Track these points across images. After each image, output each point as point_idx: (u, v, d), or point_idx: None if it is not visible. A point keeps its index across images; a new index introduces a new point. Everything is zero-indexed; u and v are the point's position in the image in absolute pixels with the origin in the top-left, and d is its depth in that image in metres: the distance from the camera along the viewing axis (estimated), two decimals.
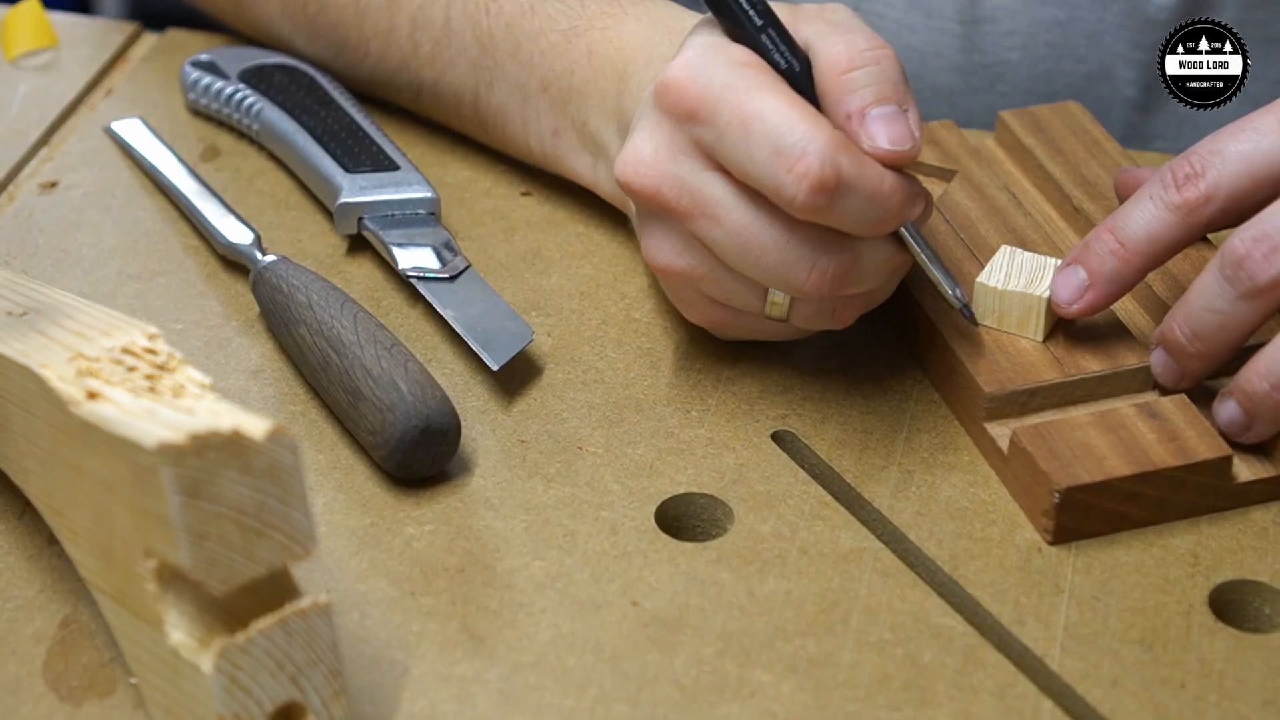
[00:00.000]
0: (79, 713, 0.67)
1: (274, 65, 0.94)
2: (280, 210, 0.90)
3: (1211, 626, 0.71)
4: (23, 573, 0.72)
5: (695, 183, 0.73)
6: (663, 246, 0.75)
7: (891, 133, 0.72)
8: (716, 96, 0.71)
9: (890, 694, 0.68)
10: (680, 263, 0.75)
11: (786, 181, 0.70)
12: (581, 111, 0.84)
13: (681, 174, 0.73)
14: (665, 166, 0.73)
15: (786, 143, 0.70)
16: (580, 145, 0.85)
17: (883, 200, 0.71)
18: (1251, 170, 0.73)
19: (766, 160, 0.70)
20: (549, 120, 0.86)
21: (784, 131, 0.70)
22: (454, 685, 0.68)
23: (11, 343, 0.67)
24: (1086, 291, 0.76)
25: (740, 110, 0.71)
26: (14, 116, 0.96)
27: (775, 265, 0.73)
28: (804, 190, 0.70)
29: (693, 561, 0.73)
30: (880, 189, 0.71)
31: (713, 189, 0.73)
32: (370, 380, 0.75)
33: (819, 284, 0.73)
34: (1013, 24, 1.01)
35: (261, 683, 0.62)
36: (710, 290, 0.76)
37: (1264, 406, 0.73)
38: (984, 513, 0.75)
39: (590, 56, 0.84)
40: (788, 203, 0.70)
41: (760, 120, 0.70)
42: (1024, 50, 1.02)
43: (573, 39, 0.85)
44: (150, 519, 0.61)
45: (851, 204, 0.71)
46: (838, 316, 0.76)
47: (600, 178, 0.85)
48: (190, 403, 0.62)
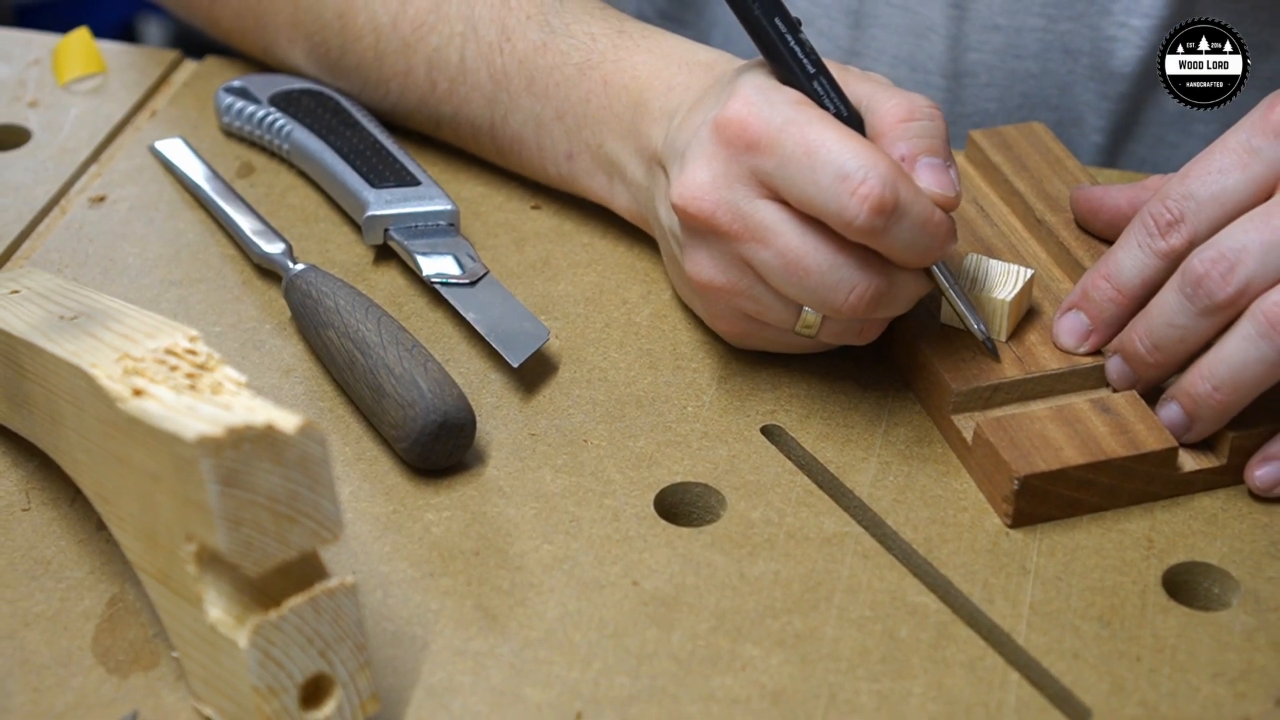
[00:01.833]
0: (125, 684, 0.67)
1: (301, 90, 0.94)
2: (310, 223, 0.90)
3: (1165, 605, 0.70)
4: (73, 555, 0.72)
5: (748, 209, 0.73)
6: (708, 265, 0.76)
7: (938, 180, 0.73)
8: (779, 129, 0.72)
9: (870, 666, 0.68)
10: (723, 279, 0.75)
11: (850, 203, 0.70)
12: (597, 135, 0.84)
13: (736, 200, 0.73)
14: (721, 193, 0.73)
15: (850, 168, 0.70)
16: (595, 167, 0.85)
17: (932, 229, 0.72)
18: (1223, 209, 0.74)
19: (830, 185, 0.71)
20: (564, 145, 0.86)
21: (848, 158, 0.71)
22: (469, 659, 0.68)
23: (64, 344, 0.67)
24: (1090, 335, 0.78)
25: (804, 140, 0.71)
26: (65, 136, 0.96)
27: (817, 286, 0.73)
28: (866, 211, 0.70)
29: (689, 545, 0.73)
30: (931, 218, 0.72)
31: (765, 214, 0.73)
32: (393, 379, 0.75)
33: (856, 305, 0.73)
34: (990, 78, 1.02)
35: (293, 656, 0.62)
36: (746, 306, 0.76)
37: (1205, 407, 0.73)
38: (955, 500, 0.75)
39: (605, 85, 0.84)
40: (848, 224, 0.71)
41: (825, 149, 0.71)
42: (1001, 101, 1.03)
43: (586, 71, 0.85)
44: (191, 506, 0.61)
45: (904, 229, 0.71)
46: (863, 334, 0.77)
47: (616, 194, 0.85)
48: (228, 399, 0.62)
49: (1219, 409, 0.73)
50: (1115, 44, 1.00)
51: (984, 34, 1.01)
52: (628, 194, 0.84)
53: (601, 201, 0.87)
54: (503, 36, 0.87)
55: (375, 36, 0.90)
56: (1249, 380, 0.72)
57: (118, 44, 1.04)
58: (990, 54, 1.01)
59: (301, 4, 0.92)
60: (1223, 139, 0.75)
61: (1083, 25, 1.00)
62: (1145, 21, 0.99)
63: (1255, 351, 0.71)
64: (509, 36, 0.87)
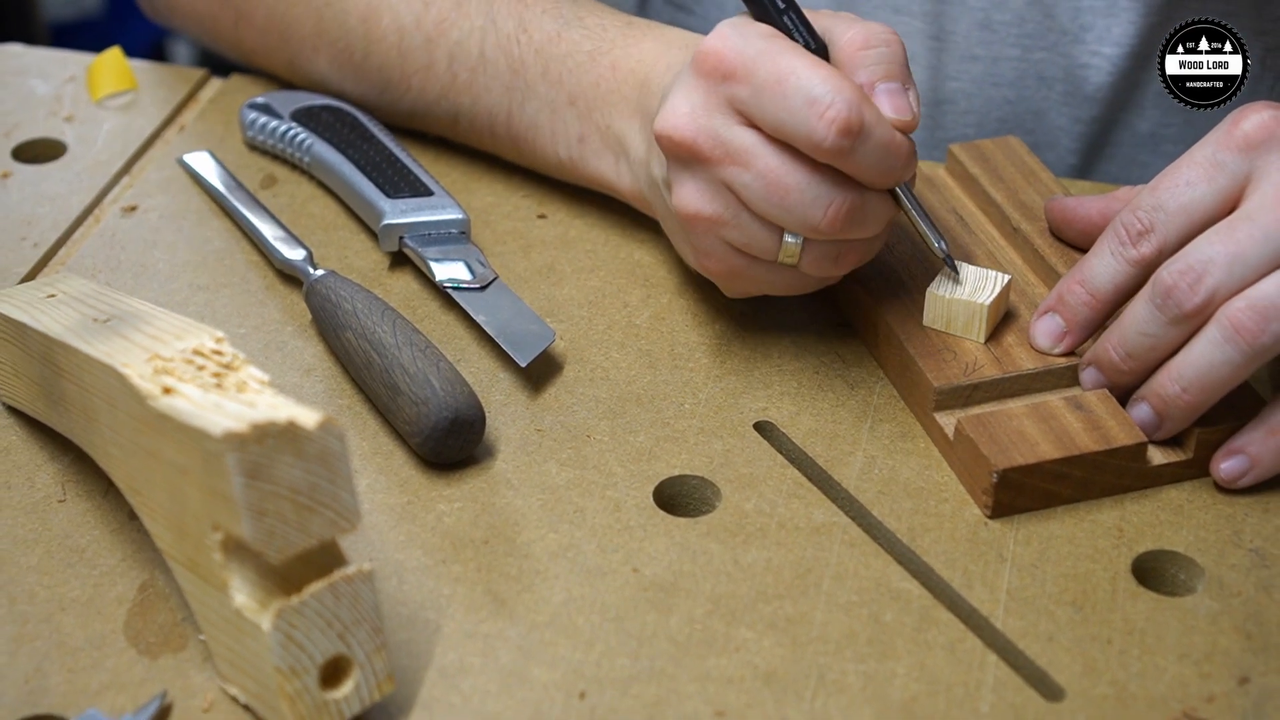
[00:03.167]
0: (155, 665, 0.67)
1: (320, 106, 0.94)
2: (329, 231, 0.90)
3: (1134, 591, 0.70)
4: (107, 544, 0.72)
5: (727, 134, 0.73)
6: (692, 194, 0.75)
7: (895, 105, 0.73)
8: (752, 59, 0.73)
9: (856, 648, 0.68)
10: (708, 209, 0.75)
11: (818, 126, 0.71)
12: (606, 116, 0.85)
13: (715, 126, 0.74)
14: (700, 120, 0.74)
15: (818, 94, 0.71)
16: (604, 147, 0.85)
17: (895, 149, 0.72)
18: (1190, 219, 0.74)
19: (800, 109, 0.71)
20: (575, 128, 0.86)
21: (815, 84, 0.71)
22: (479, 641, 0.68)
23: (97, 345, 0.67)
24: (1065, 337, 0.78)
25: (776, 68, 0.72)
26: (99, 149, 0.96)
27: (796, 204, 0.73)
28: (833, 133, 0.71)
29: (686, 534, 0.73)
30: (893, 140, 0.72)
31: (743, 138, 0.73)
32: (407, 378, 0.75)
33: (833, 220, 0.73)
34: (969, 104, 1.02)
35: (313, 639, 0.62)
36: (731, 236, 0.76)
37: (1174, 407, 0.73)
38: (937, 492, 0.75)
39: (614, 70, 0.84)
40: (816, 145, 0.71)
41: (795, 75, 0.71)
42: (979, 127, 1.03)
43: (597, 58, 0.85)
44: (217, 497, 0.61)
45: (869, 150, 0.72)
46: (840, 262, 0.76)
47: (621, 174, 0.85)
48: (252, 397, 0.62)
49: (1187, 409, 0.73)
50: (1087, 71, 1.00)
51: (962, 64, 1.01)
52: (630, 173, 0.84)
53: (608, 185, 0.87)
54: (520, 29, 0.88)
55: (399, 36, 0.91)
56: (1215, 381, 0.72)
57: (148, 63, 1.04)
58: (969, 82, 1.02)
59: (325, 14, 0.93)
60: (1190, 153, 0.75)
61: (1056, 54, 1.00)
62: (1116, 49, 0.99)
63: (1220, 355, 0.71)
64: (526, 29, 0.88)
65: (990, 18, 1.00)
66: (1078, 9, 0.98)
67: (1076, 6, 0.98)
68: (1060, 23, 0.99)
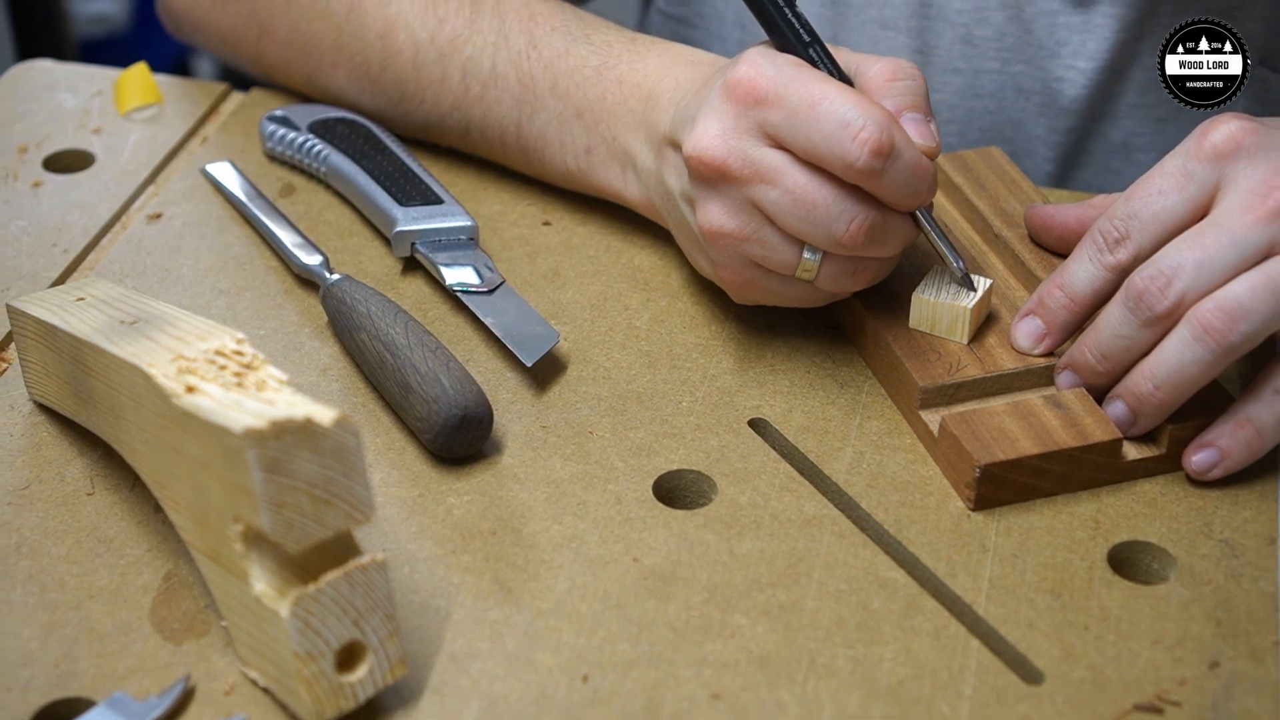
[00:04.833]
0: (179, 650, 0.67)
1: (336, 119, 0.94)
2: (345, 237, 0.90)
3: (1110, 579, 0.70)
4: (133, 535, 0.72)
5: (756, 155, 0.74)
6: (719, 212, 0.75)
7: (920, 132, 0.74)
8: (785, 85, 0.73)
9: (846, 634, 0.68)
10: (732, 225, 0.75)
11: (851, 148, 0.71)
12: (612, 129, 0.84)
13: (745, 148, 0.74)
14: (731, 142, 0.74)
15: (850, 117, 0.71)
16: (611, 158, 0.85)
17: (921, 172, 0.73)
18: (1163, 226, 0.74)
19: (833, 131, 0.71)
20: (583, 140, 0.86)
21: (848, 108, 0.71)
22: (487, 627, 0.68)
23: (124, 346, 0.67)
24: (1045, 338, 0.77)
25: (808, 94, 0.72)
26: (125, 160, 0.95)
27: (822, 218, 0.73)
28: (866, 154, 0.71)
29: (684, 526, 0.72)
30: (920, 163, 0.73)
31: (771, 158, 0.73)
32: (419, 377, 0.75)
33: (856, 234, 0.73)
34: (951, 115, 1.02)
35: (329, 625, 0.62)
36: (752, 251, 0.76)
37: (1148, 405, 0.73)
38: (922, 486, 0.74)
39: (620, 84, 0.84)
40: (849, 165, 0.71)
41: (828, 100, 0.72)
42: (961, 136, 1.03)
43: (603, 72, 0.85)
44: (238, 491, 0.60)
45: (898, 171, 0.72)
46: (855, 278, 0.76)
47: (628, 183, 0.85)
48: (271, 395, 0.62)
49: (1160, 406, 0.73)
50: (1063, 83, 1.00)
51: (945, 76, 1.01)
52: (638, 182, 0.84)
53: (615, 194, 0.86)
54: (530, 45, 0.88)
55: (414, 50, 0.90)
56: (1186, 379, 0.72)
57: (173, 77, 1.03)
58: (951, 94, 1.02)
59: (345, 30, 0.92)
60: (1162, 163, 0.75)
61: (1033, 68, 1.00)
62: (1090, 63, 0.99)
63: (1191, 354, 0.71)
64: (536, 44, 0.87)
65: (971, 33, 1.00)
66: (1054, 25, 0.98)
67: (1053, 23, 0.98)
68: (1037, 38, 0.99)
